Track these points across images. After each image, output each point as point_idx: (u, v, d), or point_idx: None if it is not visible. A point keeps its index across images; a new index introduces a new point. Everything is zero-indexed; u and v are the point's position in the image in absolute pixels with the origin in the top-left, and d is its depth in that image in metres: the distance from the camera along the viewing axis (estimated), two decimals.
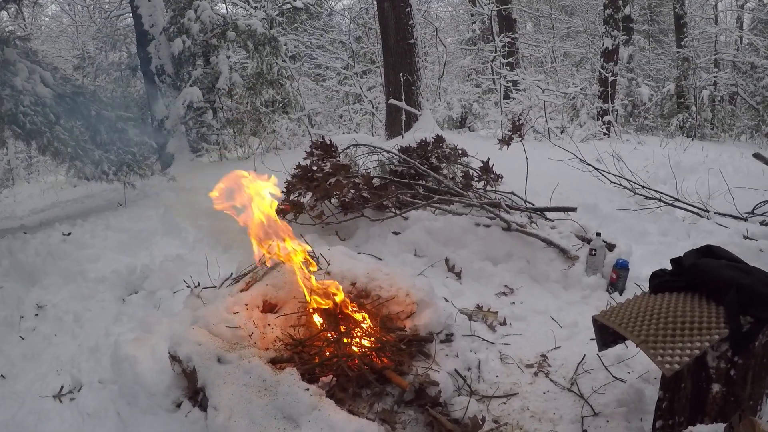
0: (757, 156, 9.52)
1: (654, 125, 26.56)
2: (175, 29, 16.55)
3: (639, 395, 4.24)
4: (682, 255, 4.01)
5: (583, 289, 6.42)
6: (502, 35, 24.54)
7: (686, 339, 3.20)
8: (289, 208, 7.92)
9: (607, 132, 19.63)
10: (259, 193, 4.67)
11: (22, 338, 6.42)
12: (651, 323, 3.41)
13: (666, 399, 3.52)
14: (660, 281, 3.87)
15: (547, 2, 34.07)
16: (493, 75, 24.33)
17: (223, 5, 26.12)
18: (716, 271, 3.51)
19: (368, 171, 8.90)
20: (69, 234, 9.54)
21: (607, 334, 3.95)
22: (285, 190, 7.99)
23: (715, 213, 8.28)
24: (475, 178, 8.62)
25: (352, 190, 8.05)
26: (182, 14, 16.52)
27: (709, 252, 3.85)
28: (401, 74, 15.86)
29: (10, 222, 13.10)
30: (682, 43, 27.01)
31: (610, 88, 21.42)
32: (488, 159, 8.60)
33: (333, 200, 8.19)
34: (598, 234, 6.60)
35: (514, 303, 6.27)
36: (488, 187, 8.66)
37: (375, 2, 18.84)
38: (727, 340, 3.19)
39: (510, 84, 21.78)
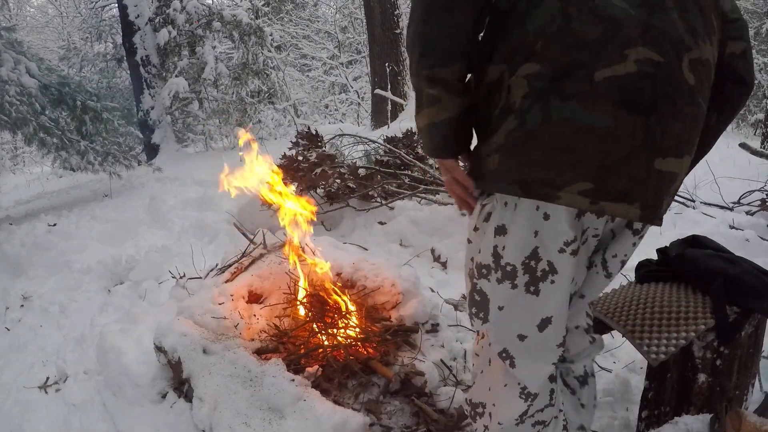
0: (743, 146, 9.55)
1: None
2: (161, 19, 16.55)
3: (625, 385, 4.24)
4: (668, 245, 4.01)
5: None
6: None
7: (672, 329, 3.20)
8: None
9: None
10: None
11: (8, 329, 6.40)
12: (637, 313, 3.42)
13: (652, 389, 3.52)
14: (646, 271, 3.87)
15: None
16: None
17: None
18: (703, 261, 3.51)
19: (354, 161, 8.90)
20: (54, 225, 9.55)
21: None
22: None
23: (701, 203, 8.29)
24: None
25: (338, 180, 8.05)
26: (168, 4, 16.53)
27: (695, 242, 3.85)
28: (387, 64, 15.87)
29: None
30: None
31: None
32: None
33: (318, 190, 8.18)
34: None
35: None
36: None
37: None
38: (713, 331, 3.20)
39: None
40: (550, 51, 1.98)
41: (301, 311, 4.70)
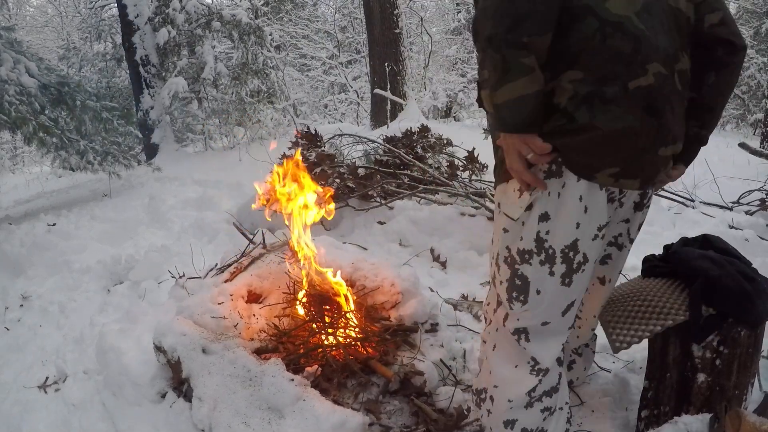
0: (742, 146, 9.56)
1: None
2: (160, 19, 16.57)
3: (624, 385, 4.24)
4: (674, 242, 4.03)
5: None
6: None
7: (643, 322, 3.34)
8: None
9: None
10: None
11: (7, 329, 6.40)
12: (621, 305, 3.51)
13: (651, 389, 3.53)
14: (649, 266, 3.91)
15: None
16: (478, 65, 24.39)
17: None
18: (691, 260, 3.53)
19: (353, 161, 8.89)
20: (54, 224, 9.56)
21: None
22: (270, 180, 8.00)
23: (700, 202, 8.30)
24: (460, 168, 8.60)
25: (337, 180, 8.04)
26: (167, 4, 16.55)
27: (704, 241, 3.87)
28: (386, 64, 15.89)
29: None
30: None
31: None
32: (473, 149, 8.58)
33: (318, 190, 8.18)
34: None
35: None
36: (473, 177, 8.65)
37: None
38: (686, 328, 3.24)
39: None
40: (592, 62, 2.40)
41: (301, 311, 4.70)
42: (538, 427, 2.98)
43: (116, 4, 17.79)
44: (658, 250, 3.99)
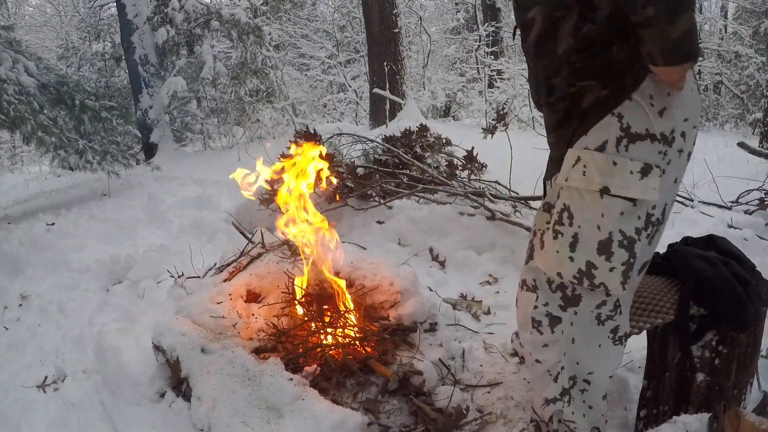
0: (741, 145, 9.55)
1: None
2: (159, 19, 16.54)
3: (623, 385, 4.24)
4: (677, 241, 4.03)
5: None
6: (487, 24, 24.62)
7: (635, 317, 3.36)
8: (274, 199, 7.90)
9: None
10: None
11: (6, 328, 6.38)
12: None
13: (650, 388, 3.53)
14: (652, 263, 3.91)
15: None
16: (477, 64, 24.37)
17: None
18: (688, 259, 3.54)
19: (352, 160, 8.89)
20: (53, 224, 9.52)
21: None
22: (269, 179, 8.00)
23: (699, 202, 8.28)
24: (459, 167, 8.59)
25: (336, 180, 8.03)
26: (166, 3, 16.52)
27: (710, 241, 3.86)
28: (385, 63, 15.91)
29: None
30: None
31: None
32: (472, 148, 8.57)
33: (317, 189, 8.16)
34: None
35: (498, 292, 6.23)
36: (472, 176, 8.64)
37: None
38: (675, 328, 3.27)
39: (494, 73, 21.78)
40: None
41: (300, 310, 4.70)
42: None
43: (115, 4, 17.76)
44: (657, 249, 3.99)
